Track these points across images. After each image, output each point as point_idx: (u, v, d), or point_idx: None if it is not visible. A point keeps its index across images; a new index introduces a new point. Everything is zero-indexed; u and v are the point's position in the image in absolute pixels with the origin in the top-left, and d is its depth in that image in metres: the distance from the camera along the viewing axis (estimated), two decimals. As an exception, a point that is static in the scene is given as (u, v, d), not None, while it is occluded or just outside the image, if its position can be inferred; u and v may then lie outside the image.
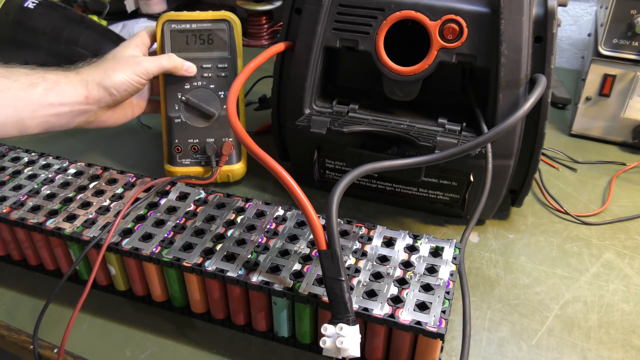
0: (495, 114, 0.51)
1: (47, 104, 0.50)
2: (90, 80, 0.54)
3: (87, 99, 0.53)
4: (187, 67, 0.61)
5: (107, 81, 0.54)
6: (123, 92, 0.56)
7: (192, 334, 0.49)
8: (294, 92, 0.57)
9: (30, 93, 0.50)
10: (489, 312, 0.50)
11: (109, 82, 0.54)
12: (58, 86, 0.51)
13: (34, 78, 0.50)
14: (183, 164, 0.63)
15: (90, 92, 0.53)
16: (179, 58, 0.60)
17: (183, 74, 0.61)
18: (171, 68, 0.60)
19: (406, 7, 0.51)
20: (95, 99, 0.54)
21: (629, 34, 0.68)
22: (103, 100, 0.55)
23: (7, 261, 0.56)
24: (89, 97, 0.53)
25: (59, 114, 0.52)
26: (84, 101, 0.53)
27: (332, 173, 0.62)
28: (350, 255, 0.45)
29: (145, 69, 0.57)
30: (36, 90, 0.50)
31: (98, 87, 0.54)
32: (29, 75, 0.51)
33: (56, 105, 0.51)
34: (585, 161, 0.71)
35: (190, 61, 0.61)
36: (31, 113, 0.50)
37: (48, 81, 0.51)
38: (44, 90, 0.50)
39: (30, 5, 0.73)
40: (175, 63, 0.60)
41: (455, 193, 0.58)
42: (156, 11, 1.08)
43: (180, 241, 0.47)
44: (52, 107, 0.51)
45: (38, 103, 0.50)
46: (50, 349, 0.47)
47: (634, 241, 0.59)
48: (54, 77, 0.52)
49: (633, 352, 0.47)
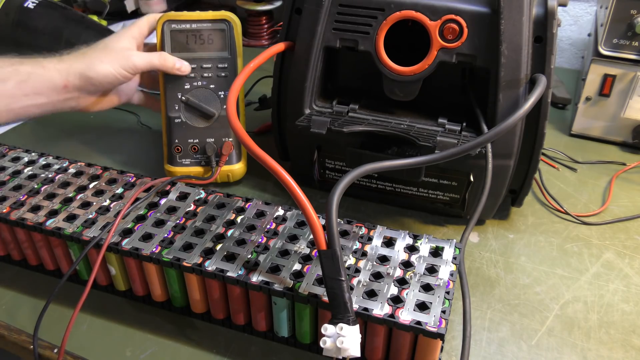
0: (495, 114, 0.51)
1: (22, 96, 0.51)
2: (73, 70, 0.53)
3: (66, 87, 0.53)
4: (180, 66, 0.60)
5: (90, 71, 0.54)
6: (106, 84, 0.55)
7: (192, 334, 0.49)
8: (294, 92, 0.57)
9: (1, 88, 0.50)
10: (489, 312, 0.50)
11: (92, 72, 0.54)
12: (32, 77, 0.51)
13: (6, 72, 0.51)
14: (183, 164, 0.63)
15: (70, 80, 0.53)
16: (172, 57, 0.60)
17: (175, 72, 0.60)
18: (161, 67, 0.59)
19: (406, 7, 0.51)
20: (75, 87, 0.54)
21: (629, 34, 0.68)
22: (84, 88, 0.54)
23: (7, 261, 0.56)
24: (68, 86, 0.53)
25: (38, 104, 0.52)
26: (62, 90, 0.53)
27: (332, 173, 0.62)
28: (350, 255, 0.46)
29: (134, 64, 0.56)
30: (7, 84, 0.50)
31: (80, 76, 0.53)
32: (1, 68, 0.51)
33: (32, 96, 0.51)
34: (585, 161, 0.71)
35: (190, 61, 0.61)
36: (5, 106, 0.50)
37: (21, 74, 0.51)
38: (17, 83, 0.50)
39: (30, 5, 0.73)
40: (166, 62, 0.59)
41: (455, 193, 0.58)
42: (156, 11, 1.08)
43: (180, 241, 0.47)
44: (28, 98, 0.51)
45: (11, 96, 0.50)
46: (50, 349, 0.47)
47: (634, 241, 0.59)
48: (28, 69, 0.52)
49: (633, 352, 0.47)
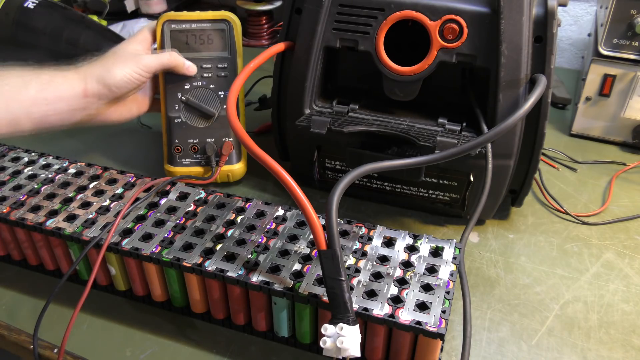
0: (495, 114, 0.51)
1: (42, 103, 0.50)
2: (90, 76, 0.53)
3: (85, 94, 0.53)
4: (188, 65, 0.61)
5: (106, 76, 0.54)
6: (123, 88, 0.55)
7: (192, 334, 0.49)
8: (294, 92, 0.57)
9: (23, 94, 0.49)
10: (489, 312, 0.50)
11: (108, 77, 0.54)
12: (52, 84, 0.51)
13: (27, 78, 0.50)
14: (183, 164, 0.63)
15: (88, 87, 0.53)
16: (181, 56, 0.60)
17: (184, 72, 0.61)
18: (172, 65, 0.59)
19: (406, 7, 0.51)
20: (94, 94, 0.54)
21: (629, 34, 0.68)
22: (102, 95, 0.54)
23: (7, 261, 0.56)
24: (87, 92, 0.53)
25: (57, 111, 0.52)
26: (81, 97, 0.53)
27: (332, 173, 0.62)
28: (350, 255, 0.45)
29: (146, 64, 0.56)
30: (29, 90, 0.50)
31: (97, 82, 0.53)
32: (22, 76, 0.51)
33: (52, 102, 0.51)
34: (585, 161, 0.71)
35: (190, 61, 0.61)
36: (26, 112, 0.50)
37: (42, 80, 0.51)
38: (38, 89, 0.50)
39: (30, 5, 0.73)
40: (177, 60, 0.60)
41: (455, 193, 0.58)
42: (156, 11, 1.08)
43: (180, 241, 0.47)
44: (48, 105, 0.51)
45: (33, 102, 0.50)
46: (50, 349, 0.47)
47: (634, 241, 0.59)
48: (48, 75, 0.52)
49: (633, 352, 0.47)
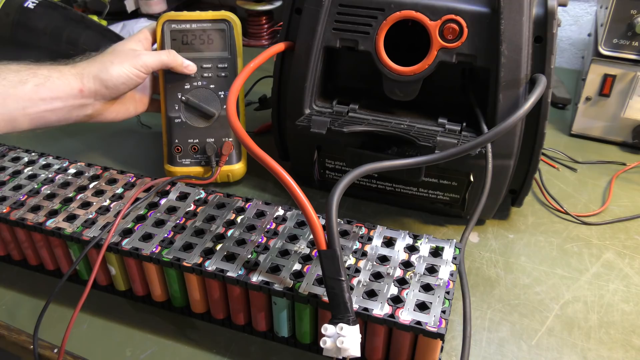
0: (495, 114, 0.51)
1: (38, 100, 0.50)
2: (87, 74, 0.53)
3: (82, 92, 0.53)
4: (187, 64, 0.61)
5: (104, 74, 0.54)
6: (121, 85, 0.55)
7: (192, 334, 0.49)
8: (294, 92, 0.57)
9: (20, 90, 0.49)
10: (489, 312, 0.50)
11: (105, 75, 0.54)
12: (49, 81, 0.51)
13: (24, 75, 0.50)
14: (183, 164, 0.63)
15: (85, 85, 0.53)
16: (179, 55, 0.60)
17: (183, 71, 0.61)
18: (170, 63, 0.59)
19: (406, 7, 0.51)
20: (91, 92, 0.53)
21: (629, 34, 0.68)
22: (100, 93, 0.54)
23: (7, 261, 0.56)
24: (84, 90, 0.53)
25: (54, 109, 0.51)
26: (78, 94, 0.52)
27: (332, 173, 0.62)
28: (350, 255, 0.45)
29: (145, 62, 0.56)
30: (25, 86, 0.49)
31: (94, 80, 0.53)
32: (19, 72, 0.50)
33: (49, 100, 0.51)
34: (585, 161, 0.71)
35: (190, 61, 0.61)
36: (22, 110, 0.49)
37: (39, 77, 0.50)
38: (35, 86, 0.50)
39: (30, 5, 0.73)
40: (176, 59, 0.60)
41: (455, 193, 0.58)
42: (156, 11, 1.08)
43: (180, 241, 0.47)
44: (44, 102, 0.50)
45: (29, 99, 0.49)
46: (50, 349, 0.47)
47: (634, 241, 0.59)
48: (45, 72, 0.51)
49: (633, 352, 0.47)
